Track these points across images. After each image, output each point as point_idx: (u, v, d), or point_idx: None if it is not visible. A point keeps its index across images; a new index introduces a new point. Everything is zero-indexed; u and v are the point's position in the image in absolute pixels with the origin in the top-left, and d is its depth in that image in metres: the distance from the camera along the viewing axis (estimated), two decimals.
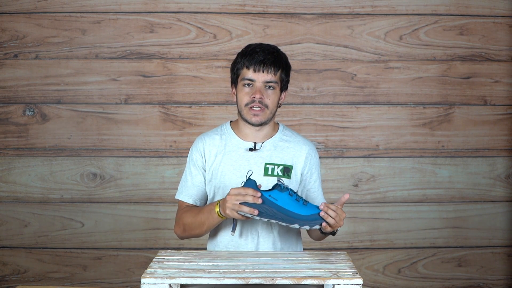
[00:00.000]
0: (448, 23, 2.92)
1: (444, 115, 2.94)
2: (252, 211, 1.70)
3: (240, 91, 1.90)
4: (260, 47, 1.91)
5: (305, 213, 1.69)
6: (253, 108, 1.88)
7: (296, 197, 1.71)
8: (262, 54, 1.87)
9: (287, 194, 1.70)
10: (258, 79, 1.87)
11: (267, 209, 1.70)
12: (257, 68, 1.86)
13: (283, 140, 1.97)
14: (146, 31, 2.89)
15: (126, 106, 2.90)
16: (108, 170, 2.90)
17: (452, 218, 2.96)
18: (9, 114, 2.89)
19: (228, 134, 1.98)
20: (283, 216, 1.70)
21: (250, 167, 1.91)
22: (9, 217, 2.91)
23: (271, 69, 1.87)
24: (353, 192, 2.94)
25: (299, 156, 1.96)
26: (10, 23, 2.87)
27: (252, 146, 1.94)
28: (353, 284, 1.46)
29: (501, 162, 2.96)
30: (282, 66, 1.91)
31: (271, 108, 1.91)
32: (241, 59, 1.90)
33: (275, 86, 1.89)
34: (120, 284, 2.91)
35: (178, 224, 1.96)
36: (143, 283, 1.47)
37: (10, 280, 2.92)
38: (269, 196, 1.69)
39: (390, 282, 2.96)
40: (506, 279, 2.99)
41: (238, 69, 1.91)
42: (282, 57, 1.93)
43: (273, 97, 1.90)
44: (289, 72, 1.96)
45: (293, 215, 1.69)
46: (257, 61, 1.86)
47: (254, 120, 1.89)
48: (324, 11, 2.91)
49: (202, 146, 1.97)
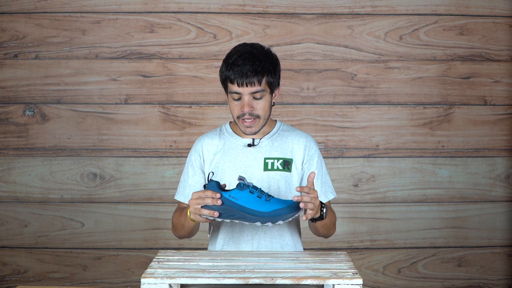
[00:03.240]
0: (448, 23, 2.92)
1: (444, 115, 2.94)
2: (212, 213, 1.68)
3: (231, 103, 1.89)
4: (242, 57, 1.84)
5: (265, 210, 1.66)
6: (245, 120, 1.87)
7: (258, 193, 1.67)
8: (243, 67, 1.82)
9: (248, 192, 1.66)
10: (244, 92, 1.84)
11: (228, 210, 1.67)
12: (240, 82, 1.82)
13: (281, 135, 1.97)
14: (146, 31, 2.89)
15: (126, 106, 2.90)
16: (108, 170, 2.90)
17: (452, 218, 2.96)
18: (9, 114, 2.89)
19: (228, 133, 1.98)
20: (244, 215, 1.67)
21: (249, 162, 1.91)
22: (9, 217, 2.91)
23: (254, 80, 1.82)
24: (353, 192, 2.94)
25: (298, 148, 1.95)
26: (10, 23, 2.87)
27: (251, 142, 1.94)
28: (353, 284, 1.46)
29: (501, 162, 2.96)
30: (265, 71, 1.85)
31: (263, 115, 1.88)
32: (225, 71, 1.86)
33: (263, 94, 1.86)
34: (120, 284, 2.91)
35: (172, 223, 1.99)
36: (143, 283, 1.47)
37: (10, 280, 2.92)
38: (229, 196, 1.66)
39: (390, 282, 2.96)
40: (506, 279, 2.99)
41: (224, 80, 1.88)
42: (263, 62, 1.85)
43: (263, 104, 1.87)
44: (276, 71, 1.89)
45: (253, 213, 1.66)
46: (239, 75, 1.82)
47: (248, 131, 1.89)
48: (324, 11, 2.91)
49: (201, 146, 1.97)
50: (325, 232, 1.90)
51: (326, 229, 1.88)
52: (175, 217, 1.94)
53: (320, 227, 1.85)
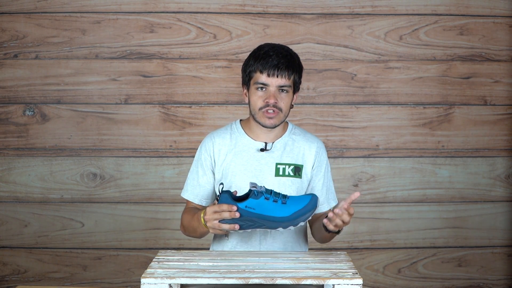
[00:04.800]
0: (448, 23, 2.92)
1: (444, 115, 2.94)
2: (233, 227, 1.67)
3: (253, 95, 1.88)
4: (273, 50, 1.87)
5: (285, 214, 1.65)
6: (267, 111, 1.86)
7: (273, 198, 1.66)
8: (276, 58, 1.85)
9: (263, 199, 1.65)
10: (272, 83, 1.85)
11: (248, 220, 1.66)
12: (271, 73, 1.84)
13: (292, 140, 1.96)
14: (146, 31, 2.89)
15: (126, 106, 2.90)
16: (108, 170, 2.90)
17: (452, 218, 2.96)
18: (9, 114, 2.89)
19: (239, 133, 1.96)
20: (265, 223, 1.66)
21: (261, 167, 1.90)
22: (9, 217, 2.91)
23: (285, 73, 1.85)
24: (353, 192, 2.93)
25: (309, 154, 1.95)
26: (10, 23, 2.87)
27: (263, 146, 1.92)
28: (353, 284, 1.46)
29: (501, 162, 2.96)
30: (295, 69, 1.89)
31: (285, 111, 1.89)
32: (254, 62, 1.87)
33: (289, 89, 1.88)
34: (120, 284, 2.91)
35: (181, 223, 1.96)
36: (143, 283, 1.47)
37: (10, 280, 2.92)
38: (246, 207, 1.64)
39: (390, 282, 2.96)
40: (506, 279, 2.99)
41: (251, 72, 1.88)
42: (295, 60, 1.91)
43: (287, 100, 1.88)
44: (301, 73, 1.94)
45: (273, 219, 1.65)
46: (271, 66, 1.84)
47: (268, 123, 1.88)
48: (324, 11, 2.91)
49: (212, 145, 1.94)
50: (328, 240, 1.90)
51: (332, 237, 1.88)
52: (186, 220, 1.91)
53: (329, 237, 1.86)
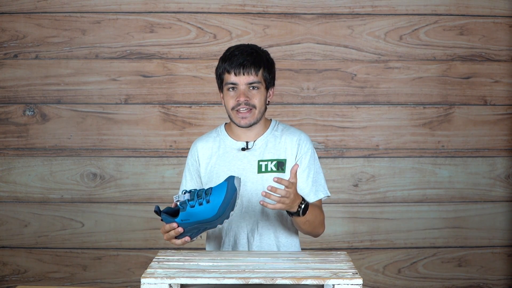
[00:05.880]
0: (448, 23, 2.92)
1: (444, 115, 2.94)
2: (183, 241, 1.74)
3: (226, 96, 1.91)
4: (238, 49, 1.91)
5: (213, 214, 1.68)
6: (240, 111, 1.88)
7: (198, 201, 1.69)
8: (240, 57, 1.88)
9: (189, 207, 1.68)
10: (241, 82, 1.88)
11: (192, 229, 1.71)
12: (237, 72, 1.87)
13: (274, 136, 1.96)
14: (146, 31, 2.89)
15: (126, 106, 2.90)
16: (108, 170, 2.90)
17: (452, 218, 2.96)
18: (9, 114, 2.89)
19: (223, 135, 1.99)
20: (205, 226, 1.71)
21: (243, 166, 1.91)
22: (9, 217, 2.91)
23: (251, 70, 1.87)
24: (353, 192, 2.94)
25: (291, 147, 1.94)
26: (10, 23, 2.87)
27: (244, 145, 1.94)
28: (353, 284, 1.46)
29: (501, 162, 2.96)
30: (262, 64, 1.90)
31: (259, 107, 1.90)
32: (222, 64, 1.91)
33: (259, 85, 1.89)
34: (120, 284, 2.91)
35: None
36: (143, 283, 1.47)
37: (10, 280, 2.92)
38: (182, 221, 1.69)
39: (390, 282, 2.96)
40: (506, 279, 2.99)
41: (221, 74, 1.92)
42: (261, 56, 1.92)
43: (259, 96, 1.90)
44: (272, 69, 1.95)
45: (207, 221, 1.69)
46: (236, 65, 1.87)
47: (242, 122, 1.90)
48: (324, 11, 2.91)
49: (196, 151, 1.99)
50: (309, 229, 1.87)
51: (310, 227, 1.86)
52: None
53: (302, 223, 1.83)
